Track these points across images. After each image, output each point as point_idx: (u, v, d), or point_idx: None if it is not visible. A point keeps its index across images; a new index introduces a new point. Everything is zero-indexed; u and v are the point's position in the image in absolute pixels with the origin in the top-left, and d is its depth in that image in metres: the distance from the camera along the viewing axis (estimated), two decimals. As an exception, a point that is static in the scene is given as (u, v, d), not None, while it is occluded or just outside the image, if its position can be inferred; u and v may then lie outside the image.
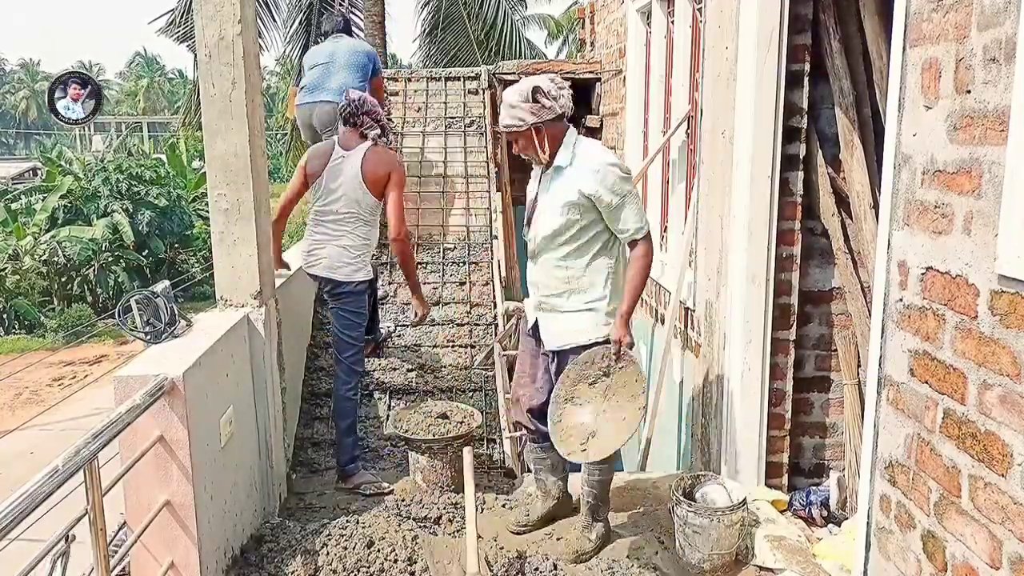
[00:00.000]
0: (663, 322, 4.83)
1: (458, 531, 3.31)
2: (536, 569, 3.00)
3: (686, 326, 4.37)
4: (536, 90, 2.86)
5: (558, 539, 3.24)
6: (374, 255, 4.35)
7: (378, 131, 3.84)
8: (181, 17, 12.27)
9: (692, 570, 3.06)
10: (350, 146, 3.81)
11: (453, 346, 4.97)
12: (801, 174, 3.39)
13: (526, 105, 2.87)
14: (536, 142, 2.92)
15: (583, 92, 7.31)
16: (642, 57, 5.78)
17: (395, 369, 4.74)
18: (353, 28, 6.00)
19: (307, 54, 5.56)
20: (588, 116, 7.22)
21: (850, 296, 3.42)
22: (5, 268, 18.96)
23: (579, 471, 3.21)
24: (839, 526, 3.30)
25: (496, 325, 5.07)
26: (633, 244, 2.93)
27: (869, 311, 3.20)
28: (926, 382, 2.14)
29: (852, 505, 3.28)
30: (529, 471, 3.69)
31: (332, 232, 3.78)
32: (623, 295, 2.95)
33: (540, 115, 2.87)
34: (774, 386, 3.49)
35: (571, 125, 3.02)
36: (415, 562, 2.94)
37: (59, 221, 20.01)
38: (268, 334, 3.32)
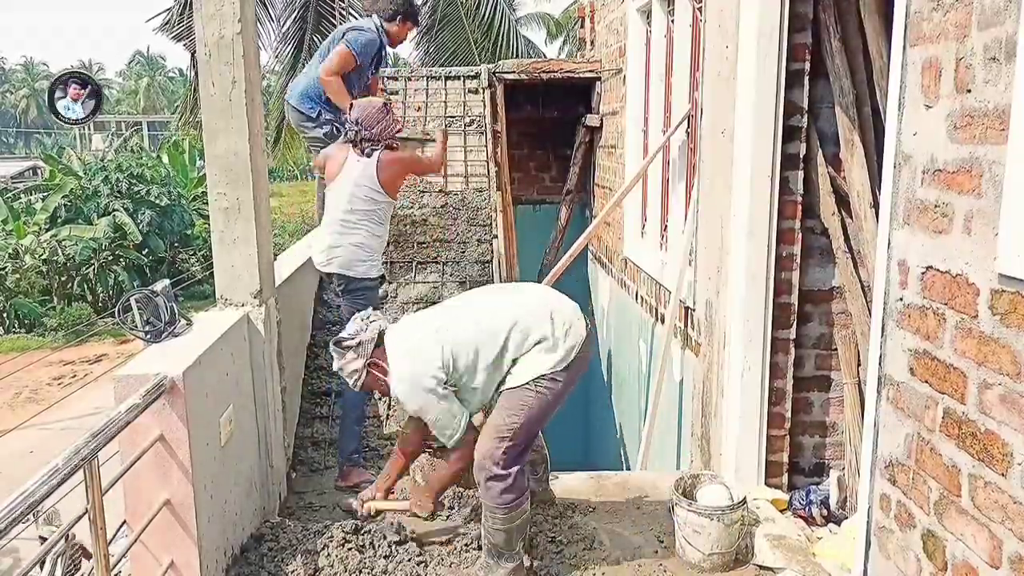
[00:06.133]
0: (663, 321, 4.82)
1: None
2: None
3: (686, 325, 4.37)
4: (337, 343, 2.86)
5: None
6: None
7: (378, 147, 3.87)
8: (178, 15, 12.25)
9: (692, 569, 3.06)
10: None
11: (453, 345, 4.95)
12: (801, 173, 3.38)
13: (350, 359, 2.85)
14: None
15: (583, 91, 7.31)
16: (642, 56, 5.78)
17: (395, 368, 4.73)
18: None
19: None
20: (588, 116, 7.21)
21: (850, 295, 3.42)
22: (5, 267, 18.94)
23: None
24: (839, 525, 3.30)
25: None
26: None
27: (869, 310, 3.19)
28: (926, 381, 2.14)
29: (852, 504, 3.28)
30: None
31: (348, 232, 3.86)
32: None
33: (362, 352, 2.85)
34: (774, 385, 3.49)
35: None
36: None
37: (59, 220, 19.99)
38: (268, 333, 3.32)
